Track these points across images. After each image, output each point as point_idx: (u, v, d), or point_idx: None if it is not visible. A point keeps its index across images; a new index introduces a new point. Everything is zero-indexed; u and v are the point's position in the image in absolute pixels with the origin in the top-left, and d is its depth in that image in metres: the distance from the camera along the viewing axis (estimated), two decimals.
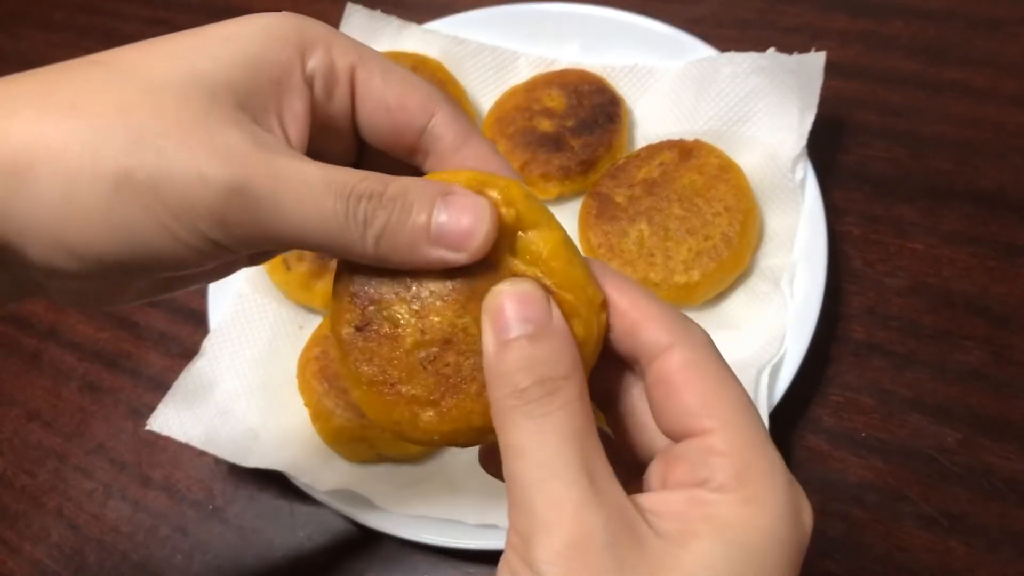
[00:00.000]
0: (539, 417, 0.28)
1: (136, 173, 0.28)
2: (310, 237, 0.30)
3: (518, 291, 0.29)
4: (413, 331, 0.31)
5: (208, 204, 0.28)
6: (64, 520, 0.68)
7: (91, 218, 0.28)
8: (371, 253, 0.30)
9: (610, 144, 0.72)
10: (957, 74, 0.74)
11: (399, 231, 0.30)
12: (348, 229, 0.29)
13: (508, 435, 0.28)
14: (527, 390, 0.28)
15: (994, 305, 0.62)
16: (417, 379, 0.31)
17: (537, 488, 0.27)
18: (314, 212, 0.29)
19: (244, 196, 0.28)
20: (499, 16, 0.84)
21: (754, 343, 0.60)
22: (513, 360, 0.28)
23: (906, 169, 0.70)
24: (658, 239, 0.64)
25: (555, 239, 0.31)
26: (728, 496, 0.27)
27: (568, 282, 0.31)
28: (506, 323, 0.29)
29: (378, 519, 0.59)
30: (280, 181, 0.29)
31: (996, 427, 0.57)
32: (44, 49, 1.10)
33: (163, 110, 0.29)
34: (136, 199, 0.28)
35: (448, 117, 0.34)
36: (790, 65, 0.68)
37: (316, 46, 0.32)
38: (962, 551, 0.53)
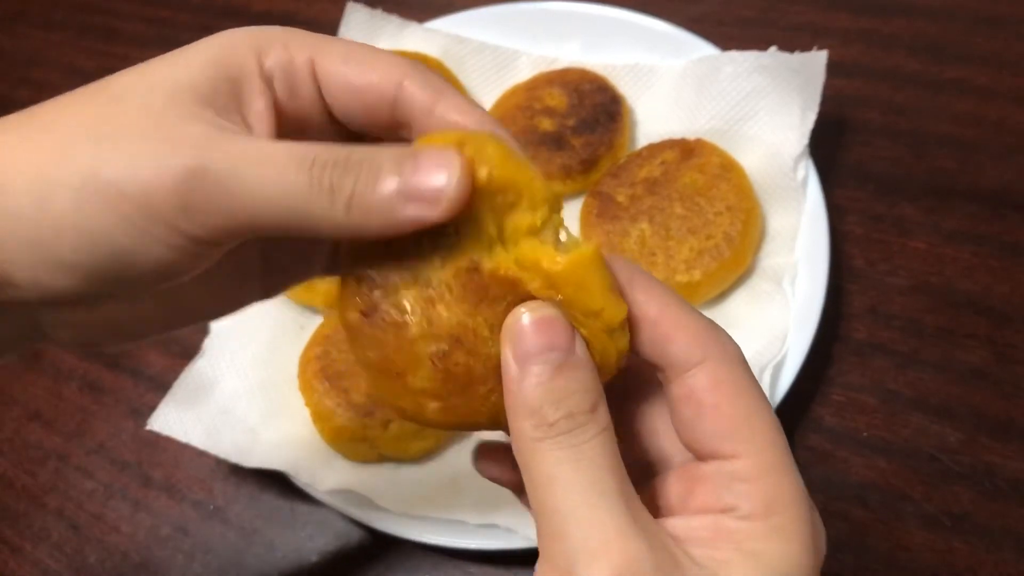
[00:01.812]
0: (570, 448, 0.28)
1: (99, 172, 0.28)
2: (278, 214, 0.29)
3: (541, 317, 0.29)
4: (420, 321, 0.30)
5: (169, 189, 0.28)
6: (65, 520, 0.68)
7: (64, 223, 0.29)
8: (343, 222, 0.29)
9: (611, 143, 0.72)
10: (959, 72, 0.74)
11: (369, 193, 0.29)
12: (316, 199, 0.29)
13: (538, 466, 0.28)
14: (556, 423, 0.28)
15: (997, 304, 0.61)
16: (424, 372, 0.31)
17: (577, 517, 0.27)
18: (278, 185, 0.28)
19: (204, 177, 0.28)
20: (500, 15, 0.83)
21: (756, 342, 0.60)
22: (540, 393, 0.28)
23: (908, 168, 0.70)
24: (659, 238, 0.64)
25: (568, 262, 0.28)
26: (756, 525, 0.28)
27: (582, 311, 0.29)
28: (528, 352, 0.28)
29: (379, 519, 0.59)
30: (240, 158, 0.29)
31: (999, 427, 0.57)
32: (44, 48, 1.10)
33: (125, 114, 0.29)
34: (101, 197, 0.28)
35: (415, 81, 0.32)
36: (792, 64, 0.68)
37: (272, 46, 0.32)
38: (965, 551, 0.53)
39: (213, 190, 0.28)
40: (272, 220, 0.29)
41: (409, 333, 0.30)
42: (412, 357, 0.31)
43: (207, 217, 0.29)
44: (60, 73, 1.05)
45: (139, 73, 0.31)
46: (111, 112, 0.30)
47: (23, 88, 1.06)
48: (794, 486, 0.28)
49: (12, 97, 1.05)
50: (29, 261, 0.29)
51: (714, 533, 0.28)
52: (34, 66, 1.08)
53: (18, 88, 1.06)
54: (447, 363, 0.30)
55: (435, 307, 0.30)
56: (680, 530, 0.28)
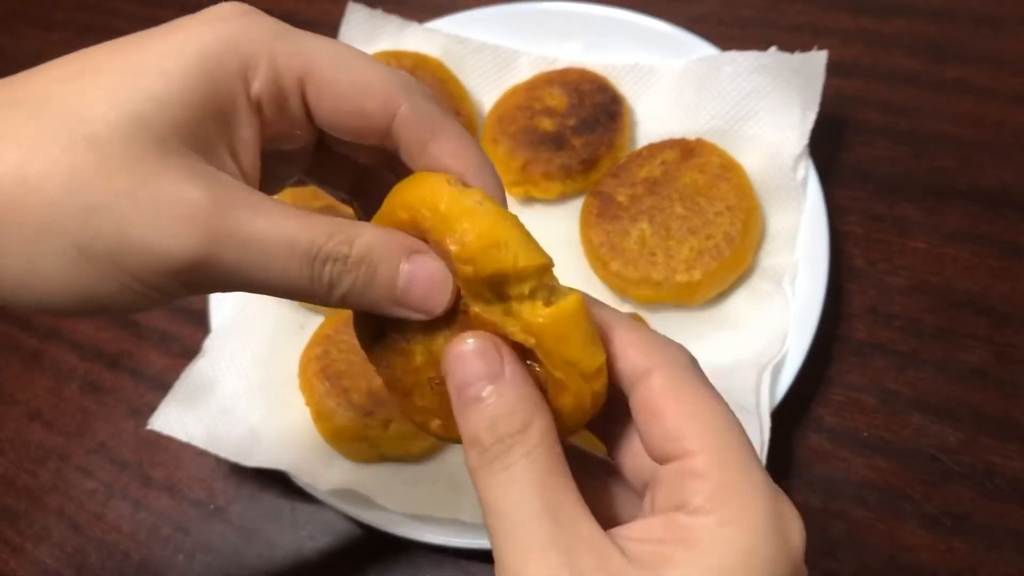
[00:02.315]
0: (501, 472, 0.29)
1: (94, 246, 0.28)
2: (273, 290, 0.30)
3: (470, 349, 0.30)
4: (423, 351, 0.33)
5: (171, 272, 0.28)
6: (65, 520, 0.68)
7: (53, 285, 0.28)
8: (334, 304, 0.31)
9: (611, 143, 0.72)
10: (959, 72, 0.74)
11: (364, 294, 0.31)
12: (314, 288, 0.30)
13: (480, 491, 0.29)
14: (489, 449, 0.29)
15: (997, 304, 0.62)
16: (426, 395, 0.34)
17: (504, 540, 0.28)
18: (279, 272, 0.29)
19: (208, 264, 0.28)
20: (500, 15, 0.83)
21: (756, 342, 0.60)
22: (474, 422, 0.29)
23: (908, 168, 0.70)
24: (660, 238, 0.64)
25: (548, 317, 0.29)
26: (704, 519, 0.27)
27: (560, 360, 0.30)
28: (462, 381, 0.30)
29: (380, 518, 0.59)
30: (244, 247, 0.29)
31: (999, 426, 0.57)
32: (45, 48, 1.10)
33: (115, 174, 0.28)
34: (96, 267, 0.28)
35: (412, 113, 0.32)
36: (792, 64, 0.68)
37: (258, 64, 0.30)
38: (965, 551, 0.53)
39: (216, 275, 0.29)
40: (266, 292, 0.30)
41: (414, 361, 0.33)
42: (416, 381, 0.33)
43: (204, 289, 0.30)
44: None
45: (108, 96, 0.29)
46: (94, 163, 0.28)
47: None
48: (748, 476, 0.28)
49: None
50: (14, 295, 0.29)
51: (666, 532, 0.28)
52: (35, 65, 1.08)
53: None
54: (442, 388, 0.32)
55: (436, 340, 0.32)
56: (636, 532, 0.28)
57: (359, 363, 0.62)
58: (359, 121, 0.32)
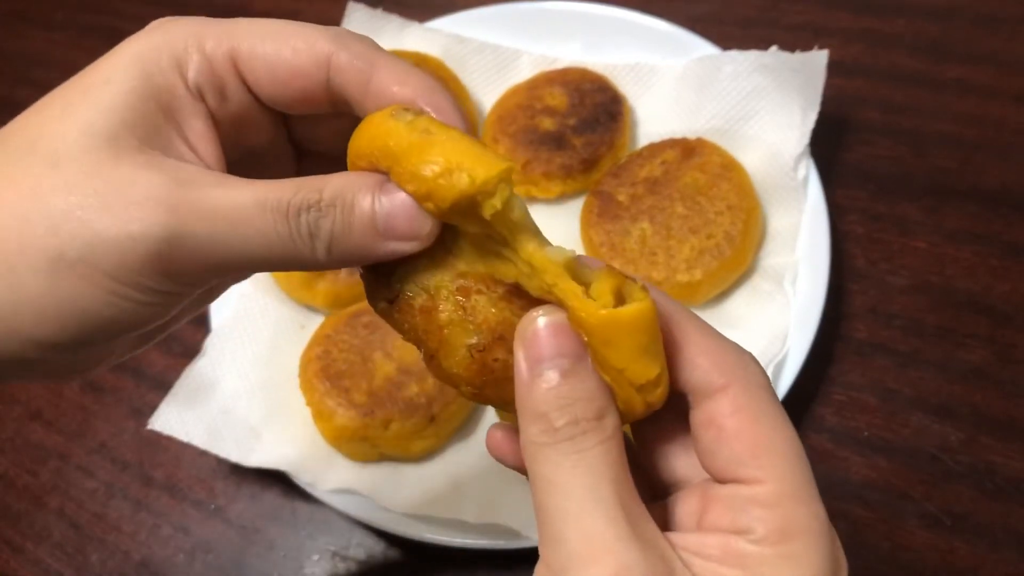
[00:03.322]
0: (573, 454, 0.28)
1: (67, 252, 0.28)
2: (260, 261, 0.30)
3: (553, 321, 0.29)
4: (452, 308, 0.30)
5: (145, 260, 0.28)
6: (66, 519, 0.68)
7: (39, 302, 0.28)
8: (324, 262, 0.30)
9: (612, 143, 0.72)
10: (960, 72, 0.74)
11: (348, 235, 0.30)
12: (296, 245, 0.29)
13: (540, 468, 0.28)
14: (561, 429, 0.28)
15: (997, 304, 0.61)
16: (459, 360, 0.31)
17: (573, 522, 0.27)
18: (256, 237, 0.29)
19: (180, 242, 0.28)
20: (501, 14, 0.83)
21: (757, 342, 0.60)
22: (547, 397, 0.28)
23: (909, 167, 0.70)
24: (660, 238, 0.64)
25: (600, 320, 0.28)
26: (767, 550, 0.27)
27: (606, 363, 0.28)
28: (538, 355, 0.28)
29: (380, 518, 0.59)
30: (212, 217, 0.28)
31: (999, 426, 0.57)
32: (45, 48, 1.10)
33: (74, 180, 0.28)
34: (74, 274, 0.28)
35: (346, 56, 0.31)
36: (792, 63, 0.68)
37: (189, 54, 0.31)
38: (965, 550, 0.53)
39: (192, 252, 0.28)
40: (253, 265, 0.30)
41: (438, 318, 0.30)
42: (443, 341, 0.31)
43: (186, 275, 0.29)
44: (61, 73, 1.04)
45: (63, 116, 0.30)
46: (57, 179, 0.28)
47: (24, 88, 1.06)
48: (813, 515, 0.28)
49: (13, 97, 1.05)
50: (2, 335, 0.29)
51: (724, 552, 0.28)
52: (35, 66, 1.08)
53: (19, 88, 1.06)
54: (485, 357, 0.30)
55: (471, 297, 0.30)
56: (691, 544, 0.28)
57: (359, 363, 0.62)
58: (298, 83, 0.32)
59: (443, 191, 0.28)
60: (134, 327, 0.30)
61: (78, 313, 0.29)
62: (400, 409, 0.60)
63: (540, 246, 0.29)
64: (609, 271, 0.29)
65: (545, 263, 0.29)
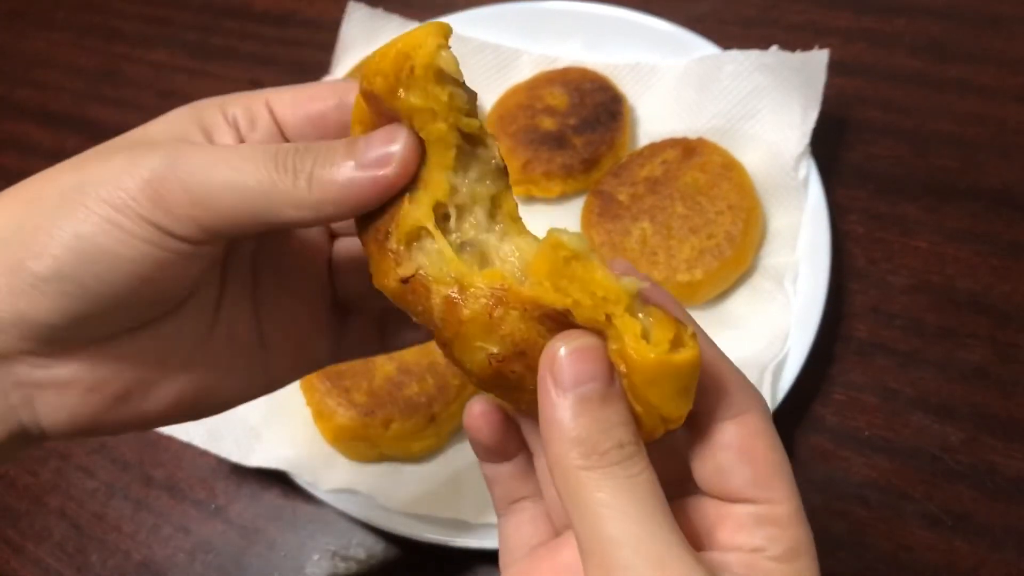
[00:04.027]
0: (625, 478, 0.28)
1: (81, 184, 0.31)
2: (246, 200, 0.31)
3: (583, 345, 0.29)
4: (481, 309, 0.30)
5: (140, 185, 0.31)
6: (66, 519, 0.68)
7: (40, 238, 0.31)
8: (307, 197, 0.31)
9: (612, 142, 0.72)
10: (961, 71, 0.74)
11: (327, 167, 0.31)
12: (280, 180, 0.31)
13: (590, 494, 0.28)
14: (608, 453, 0.28)
15: (998, 303, 0.61)
16: (476, 360, 0.31)
17: (641, 548, 0.27)
18: (245, 172, 0.31)
19: (175, 170, 0.31)
20: (501, 14, 0.84)
21: (757, 342, 0.60)
22: (587, 422, 0.28)
23: (910, 167, 0.70)
24: (661, 238, 0.64)
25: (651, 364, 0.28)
26: (785, 567, 0.30)
27: (644, 399, 0.29)
28: (572, 378, 0.28)
29: (381, 518, 0.59)
30: (208, 156, 0.31)
31: (1000, 426, 0.57)
32: (46, 48, 1.10)
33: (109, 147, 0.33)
34: (79, 202, 0.31)
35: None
36: (793, 63, 0.68)
37: (233, 104, 0.35)
38: (966, 550, 0.53)
39: (184, 182, 0.31)
40: (241, 206, 0.31)
41: (461, 312, 0.30)
42: (460, 335, 0.31)
43: (179, 208, 0.31)
44: (62, 73, 1.06)
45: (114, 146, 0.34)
46: (97, 150, 0.33)
47: (24, 88, 1.06)
48: (810, 534, 0.31)
49: (13, 97, 1.05)
50: (6, 288, 0.31)
51: (748, 570, 0.29)
52: (36, 66, 1.08)
53: (19, 88, 1.06)
54: (503, 366, 0.30)
55: (506, 311, 0.30)
56: (716, 563, 0.29)
57: (359, 363, 0.62)
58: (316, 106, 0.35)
59: (380, 60, 0.30)
60: (134, 276, 0.31)
61: (77, 242, 0.31)
62: (400, 409, 0.60)
63: (611, 273, 0.29)
64: (667, 317, 0.29)
65: (619, 293, 0.28)
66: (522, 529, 0.37)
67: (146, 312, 0.34)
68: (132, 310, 0.33)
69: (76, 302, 0.31)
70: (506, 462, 0.37)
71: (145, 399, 0.36)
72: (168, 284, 0.33)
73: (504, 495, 0.37)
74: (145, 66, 1.02)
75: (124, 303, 0.32)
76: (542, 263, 0.29)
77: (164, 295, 0.33)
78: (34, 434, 0.34)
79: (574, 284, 0.29)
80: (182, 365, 0.36)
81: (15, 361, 0.33)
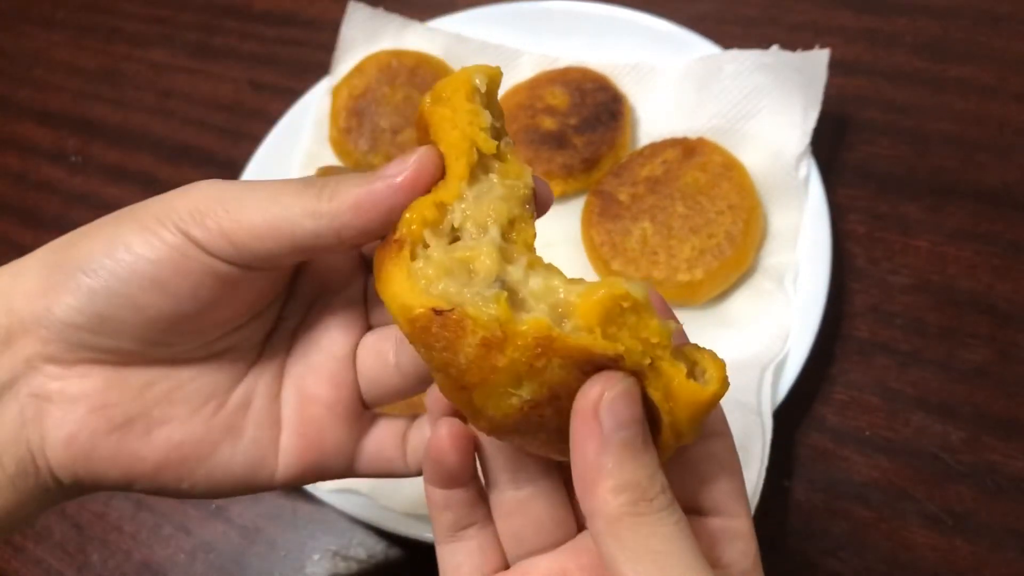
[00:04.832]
0: (672, 525, 0.28)
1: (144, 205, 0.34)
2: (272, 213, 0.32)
3: (625, 390, 0.29)
4: (518, 357, 0.28)
5: (186, 200, 0.33)
6: (67, 519, 0.68)
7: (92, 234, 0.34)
8: (325, 207, 0.32)
9: (613, 142, 0.72)
10: (961, 71, 0.74)
11: (351, 184, 0.32)
12: (305, 193, 0.33)
13: (643, 540, 0.28)
14: (656, 499, 0.28)
15: (999, 303, 0.61)
16: (502, 405, 0.30)
17: None
18: (279, 190, 0.33)
19: (221, 188, 0.33)
20: (502, 14, 0.83)
21: (758, 341, 0.60)
22: (635, 467, 0.28)
23: (910, 166, 0.70)
24: (661, 237, 0.64)
25: (706, 397, 0.29)
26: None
27: (681, 429, 0.30)
28: (620, 423, 0.28)
29: (381, 518, 0.59)
30: (254, 181, 0.34)
31: (1001, 425, 0.57)
32: (46, 48, 1.10)
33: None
34: (131, 216, 0.34)
35: None
36: (794, 62, 0.68)
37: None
38: (967, 550, 0.53)
39: (223, 199, 0.33)
40: (267, 220, 0.32)
41: (496, 359, 0.28)
42: (490, 384, 0.29)
43: (212, 220, 0.32)
44: (62, 72, 1.06)
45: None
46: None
47: (25, 87, 1.06)
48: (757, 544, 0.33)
49: (14, 97, 1.05)
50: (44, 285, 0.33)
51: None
52: (36, 66, 1.08)
53: (20, 87, 1.06)
54: (533, 412, 0.30)
55: (551, 360, 0.28)
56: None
57: None
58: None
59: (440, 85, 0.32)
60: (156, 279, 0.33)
61: (110, 238, 0.33)
62: (400, 409, 0.60)
63: (660, 318, 0.29)
64: (710, 353, 0.30)
65: (669, 337, 0.29)
66: (474, 557, 0.36)
67: (165, 335, 0.35)
68: (151, 325, 0.34)
69: (99, 300, 0.33)
70: (459, 488, 0.36)
71: (144, 436, 0.36)
72: (188, 303, 0.34)
73: (453, 522, 0.36)
74: (145, 66, 1.03)
75: (143, 309, 0.33)
76: (595, 309, 0.28)
77: (184, 317, 0.34)
78: (34, 468, 0.35)
79: (624, 330, 0.28)
80: (189, 414, 0.37)
81: (36, 370, 0.34)
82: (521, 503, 0.36)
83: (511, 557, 0.36)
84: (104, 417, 0.35)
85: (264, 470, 0.38)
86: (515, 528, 0.36)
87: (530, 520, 0.35)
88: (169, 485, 0.37)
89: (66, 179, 0.94)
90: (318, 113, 0.82)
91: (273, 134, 0.81)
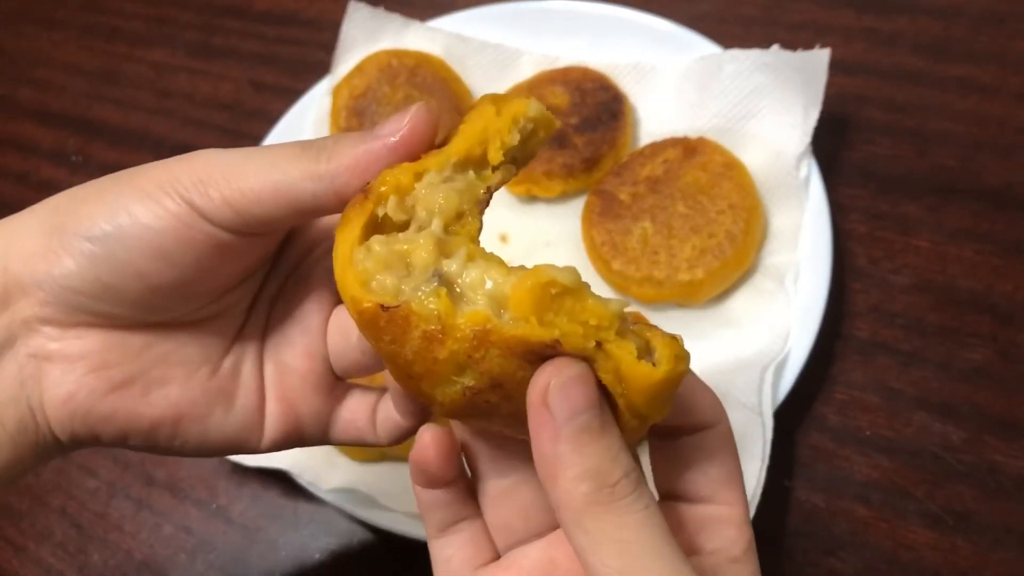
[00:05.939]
0: (640, 511, 0.27)
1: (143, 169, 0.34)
2: (272, 177, 0.33)
3: (574, 375, 0.28)
4: (459, 349, 0.29)
5: (188, 167, 0.33)
6: (68, 519, 0.68)
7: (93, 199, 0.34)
8: (324, 168, 0.32)
9: (613, 142, 0.72)
10: (962, 70, 0.74)
11: (347, 143, 0.33)
12: (303, 156, 0.33)
13: (608, 528, 0.27)
14: (619, 484, 0.27)
15: (1000, 302, 0.61)
16: (448, 392, 0.30)
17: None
18: (279, 155, 0.33)
19: (222, 155, 0.33)
20: (502, 13, 0.83)
21: (758, 341, 0.60)
22: (595, 452, 0.28)
23: (911, 166, 0.70)
24: (662, 237, 0.64)
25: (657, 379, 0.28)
26: (744, 568, 0.32)
27: (637, 411, 0.29)
28: (573, 410, 0.28)
29: (382, 518, 0.59)
30: (253, 148, 0.34)
31: (1002, 425, 0.57)
32: (46, 47, 1.10)
33: None
34: (132, 181, 0.34)
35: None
36: (794, 62, 0.68)
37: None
38: (967, 549, 0.53)
39: (225, 164, 0.33)
40: (268, 184, 0.32)
41: (438, 351, 0.29)
42: (434, 375, 0.30)
43: (215, 188, 0.32)
44: (62, 72, 1.06)
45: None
46: None
47: (26, 87, 1.06)
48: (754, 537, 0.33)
49: (14, 96, 1.05)
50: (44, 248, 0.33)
51: (714, 573, 0.31)
52: (36, 65, 1.08)
53: (21, 87, 1.06)
54: (478, 398, 0.30)
55: (488, 351, 0.29)
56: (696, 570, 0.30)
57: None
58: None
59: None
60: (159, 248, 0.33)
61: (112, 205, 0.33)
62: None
63: (600, 299, 0.28)
64: (660, 332, 0.29)
65: (611, 319, 0.28)
66: (465, 550, 0.37)
67: (164, 301, 0.35)
68: (151, 292, 0.34)
69: (100, 266, 0.33)
70: (446, 488, 0.36)
71: (142, 397, 0.36)
72: (191, 272, 0.34)
73: (442, 520, 0.37)
74: (145, 66, 1.03)
75: (144, 277, 0.33)
76: (526, 298, 0.28)
77: (184, 284, 0.34)
78: (33, 426, 0.35)
79: (560, 316, 0.28)
80: (185, 377, 0.37)
81: (34, 331, 0.34)
82: (507, 491, 0.36)
83: (501, 548, 0.37)
84: (104, 377, 0.35)
85: (253, 435, 0.39)
86: (503, 518, 0.36)
87: (517, 508, 0.36)
88: (161, 443, 0.38)
89: (67, 179, 0.94)
90: (318, 113, 0.82)
91: (273, 134, 0.81)
